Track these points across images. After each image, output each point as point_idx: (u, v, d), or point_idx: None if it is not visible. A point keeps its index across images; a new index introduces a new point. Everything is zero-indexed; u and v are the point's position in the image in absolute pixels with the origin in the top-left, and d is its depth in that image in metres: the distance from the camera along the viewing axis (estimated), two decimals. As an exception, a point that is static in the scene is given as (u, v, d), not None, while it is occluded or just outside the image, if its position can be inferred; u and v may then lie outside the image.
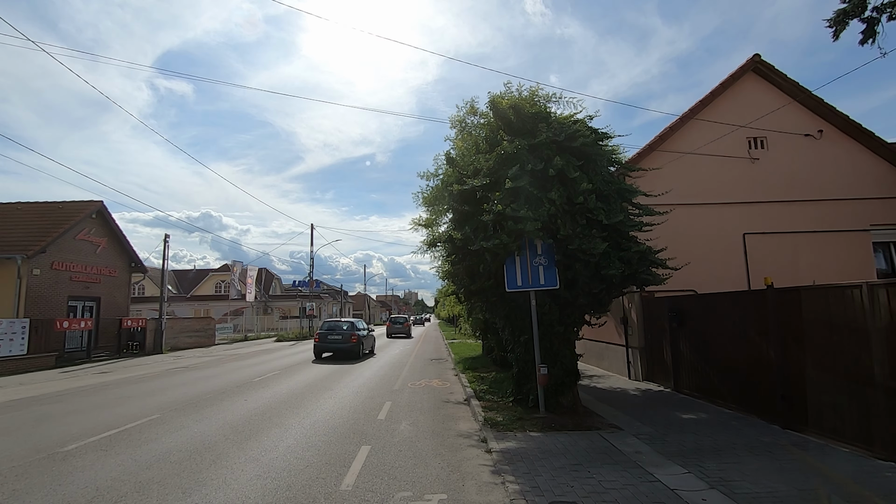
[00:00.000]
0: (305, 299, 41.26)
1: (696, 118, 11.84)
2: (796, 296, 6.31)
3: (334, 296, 63.66)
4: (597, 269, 6.97)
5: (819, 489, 4.36)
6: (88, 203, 21.28)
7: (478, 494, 4.51)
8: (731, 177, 11.65)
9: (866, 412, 5.30)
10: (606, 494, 4.32)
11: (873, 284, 5.27)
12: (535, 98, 7.99)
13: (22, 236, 18.40)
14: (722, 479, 4.63)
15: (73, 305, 20.05)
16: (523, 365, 8.00)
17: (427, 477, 5.00)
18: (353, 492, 4.58)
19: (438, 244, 9.37)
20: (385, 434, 6.81)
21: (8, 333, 15.42)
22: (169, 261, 25.29)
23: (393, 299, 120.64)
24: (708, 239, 11.13)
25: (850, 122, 11.82)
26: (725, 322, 7.90)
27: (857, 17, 7.67)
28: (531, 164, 6.84)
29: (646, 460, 5.27)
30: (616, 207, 7.24)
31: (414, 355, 20.00)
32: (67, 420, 7.78)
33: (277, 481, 4.87)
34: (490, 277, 7.75)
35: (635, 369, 11.05)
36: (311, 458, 5.67)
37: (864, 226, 11.54)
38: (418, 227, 13.13)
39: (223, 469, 5.26)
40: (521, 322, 7.90)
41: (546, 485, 4.57)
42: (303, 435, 6.74)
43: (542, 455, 5.50)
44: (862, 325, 5.29)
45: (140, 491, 4.62)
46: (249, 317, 43.88)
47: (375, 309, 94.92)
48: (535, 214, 6.56)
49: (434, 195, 11.68)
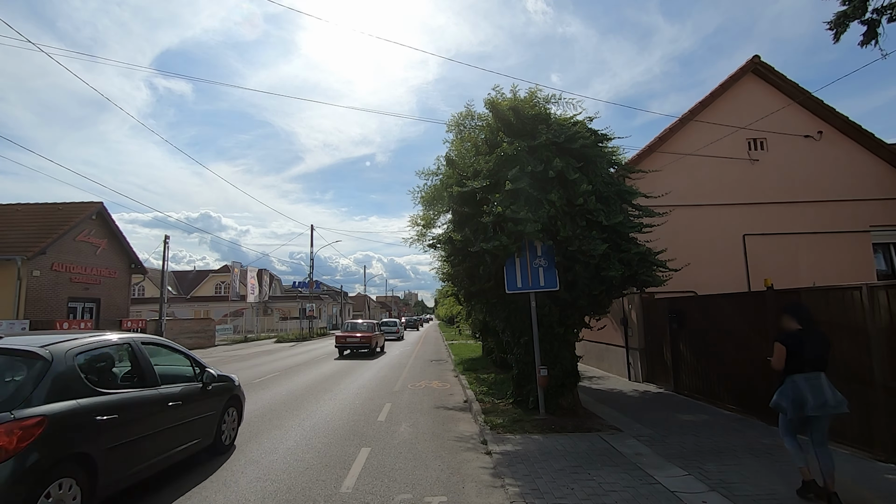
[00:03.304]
0: (305, 300, 41.23)
1: (696, 119, 11.85)
2: (796, 297, 6.31)
3: (334, 297, 63.64)
4: (597, 271, 6.97)
5: (819, 491, 4.35)
6: (88, 204, 21.28)
7: (478, 497, 4.51)
8: (730, 178, 11.66)
9: (866, 414, 5.30)
10: (606, 497, 4.32)
11: (873, 286, 5.28)
12: (534, 99, 7.99)
13: (22, 237, 18.40)
14: (722, 481, 4.63)
15: (73, 307, 20.05)
16: (523, 366, 8.00)
17: (427, 479, 4.99)
18: (353, 494, 4.58)
19: (438, 245, 9.37)
20: (385, 436, 6.80)
21: (8, 335, 15.39)
22: (169, 262, 25.30)
23: (393, 300, 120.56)
24: (708, 240, 11.13)
25: (850, 123, 11.83)
26: (725, 323, 7.90)
27: (858, 20, 7.66)
28: (531, 166, 6.84)
29: (646, 462, 5.26)
30: (616, 209, 7.24)
31: (414, 356, 20.00)
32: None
33: (277, 483, 4.86)
34: (490, 279, 7.75)
35: (635, 371, 11.04)
36: (311, 459, 5.66)
37: (863, 227, 11.55)
38: (417, 226, 13.16)
39: (222, 470, 5.26)
40: (521, 323, 7.89)
41: (546, 487, 4.57)
42: (303, 436, 6.74)
43: (543, 457, 5.49)
44: (862, 326, 5.30)
45: (143, 490, 4.62)
46: (249, 318, 43.91)
47: (375, 310, 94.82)
48: (535, 216, 6.57)
49: (432, 194, 11.65)
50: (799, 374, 4.21)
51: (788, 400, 4.24)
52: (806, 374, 4.19)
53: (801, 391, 4.16)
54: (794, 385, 4.22)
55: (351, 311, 76.75)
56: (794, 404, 4.19)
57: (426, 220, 12.81)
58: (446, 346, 25.57)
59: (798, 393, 4.17)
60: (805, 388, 4.15)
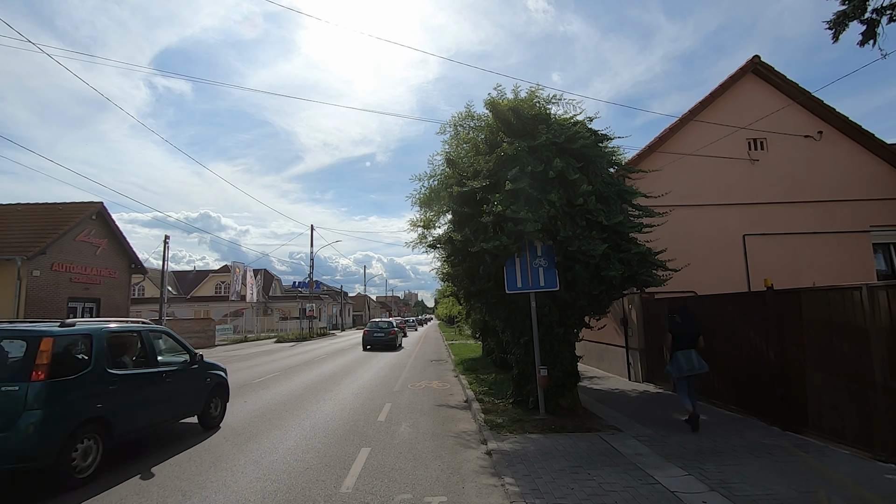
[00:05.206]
0: (305, 300, 41.23)
1: (696, 119, 11.85)
2: (796, 297, 6.30)
3: (334, 297, 63.64)
4: (597, 271, 6.97)
5: (819, 491, 4.35)
6: (88, 204, 21.27)
7: (478, 497, 4.51)
8: (730, 178, 11.66)
9: (867, 414, 5.29)
10: (606, 497, 4.32)
11: (873, 286, 5.27)
12: (534, 99, 7.98)
13: (21, 237, 18.39)
14: (722, 482, 4.62)
15: (73, 307, 20.03)
16: (523, 366, 8.00)
17: (427, 479, 4.99)
18: (352, 494, 4.58)
19: (438, 245, 9.36)
20: (385, 436, 6.80)
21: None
22: (168, 262, 25.30)
23: (393, 300, 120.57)
24: (708, 240, 11.13)
25: (850, 123, 11.83)
26: (725, 323, 7.90)
27: (857, 19, 7.66)
28: (531, 166, 6.84)
29: (646, 462, 5.26)
30: (616, 209, 7.24)
31: (414, 356, 20.00)
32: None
33: (277, 483, 4.86)
34: (490, 279, 7.75)
35: (635, 371, 11.04)
36: (311, 460, 5.67)
37: (863, 227, 11.54)
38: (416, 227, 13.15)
39: (223, 471, 5.26)
40: (521, 323, 7.89)
41: (546, 487, 4.56)
42: (303, 437, 6.74)
43: (542, 457, 5.49)
44: (862, 326, 5.29)
45: (140, 493, 4.63)
46: (249, 318, 43.91)
47: (375, 310, 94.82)
48: (535, 216, 6.56)
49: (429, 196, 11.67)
50: (679, 351, 6.74)
51: (675, 367, 6.74)
52: (682, 350, 6.71)
53: (680, 362, 6.68)
54: (677, 358, 6.74)
55: (351, 312, 76.79)
56: (678, 369, 6.69)
57: (425, 222, 12.81)
58: (446, 346, 25.56)
59: (679, 363, 6.69)
60: (682, 359, 6.68)
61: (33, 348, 4.73)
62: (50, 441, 4.51)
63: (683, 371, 6.62)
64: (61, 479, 4.65)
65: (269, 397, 9.95)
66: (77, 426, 4.80)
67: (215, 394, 7.41)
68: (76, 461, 4.79)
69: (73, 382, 4.88)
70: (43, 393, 4.55)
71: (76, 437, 4.79)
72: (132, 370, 5.84)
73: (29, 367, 4.62)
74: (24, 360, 4.72)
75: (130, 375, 5.74)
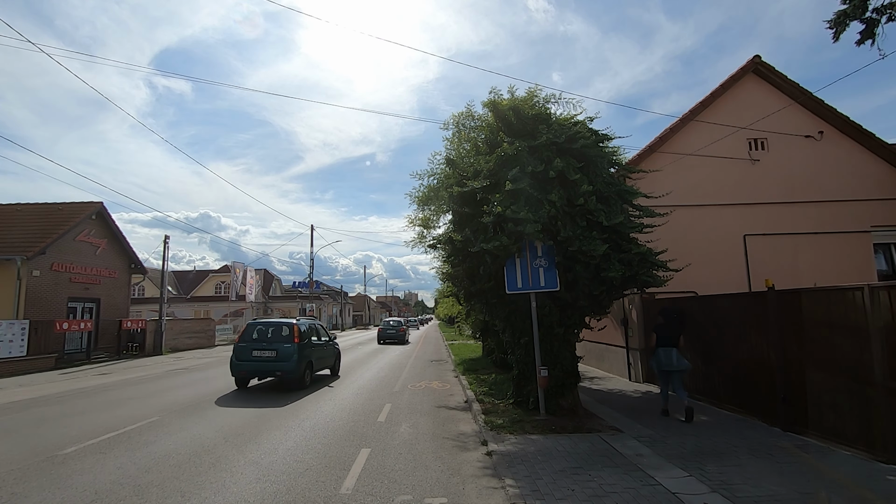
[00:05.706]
0: (305, 300, 41.24)
1: (697, 119, 11.84)
2: (797, 298, 6.29)
3: (334, 297, 63.63)
4: (597, 271, 6.96)
5: (820, 492, 4.34)
6: (88, 204, 21.27)
7: (478, 498, 4.50)
8: (731, 178, 11.65)
9: (867, 414, 5.29)
10: (607, 498, 4.30)
11: (874, 287, 5.26)
12: (534, 99, 7.97)
13: (21, 237, 18.39)
14: (723, 482, 4.61)
15: (73, 307, 20.03)
16: (523, 367, 7.99)
17: (427, 480, 4.98)
18: (352, 495, 4.56)
19: (438, 246, 9.35)
20: (385, 436, 6.79)
21: (7, 335, 15.40)
22: (168, 262, 25.28)
23: (393, 300, 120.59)
24: (708, 240, 11.12)
25: (851, 123, 11.81)
26: (726, 324, 7.89)
27: (858, 19, 7.65)
28: (531, 166, 6.82)
29: (647, 463, 5.25)
30: (616, 209, 7.22)
31: (414, 357, 19.98)
32: (67, 422, 7.76)
33: (277, 485, 4.85)
34: (490, 279, 7.73)
35: (636, 371, 11.03)
36: (311, 461, 5.65)
37: (864, 227, 11.53)
38: (413, 224, 13.19)
39: (222, 472, 5.25)
40: (522, 324, 7.88)
41: (546, 488, 4.55)
42: (302, 437, 6.73)
43: (543, 458, 5.48)
44: (863, 327, 5.28)
45: (139, 494, 4.61)
46: (249, 318, 43.85)
47: (375, 310, 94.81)
48: (536, 216, 6.55)
49: (427, 194, 11.69)
50: (660, 348, 7.45)
51: (655, 361, 7.52)
52: (663, 347, 7.41)
53: (661, 357, 7.42)
54: (657, 354, 7.47)
55: (351, 312, 76.78)
56: (657, 363, 7.48)
57: (424, 220, 12.81)
58: (446, 346, 25.55)
59: (659, 358, 7.44)
60: (662, 356, 7.41)
61: (292, 328, 11.00)
62: (300, 367, 10.59)
63: (662, 365, 7.40)
64: (301, 384, 10.74)
65: (269, 397, 9.93)
66: (307, 363, 11.02)
67: (337, 357, 13.82)
68: (307, 377, 11.03)
69: (304, 345, 11.03)
70: (297, 347, 10.65)
71: (306, 366, 10.97)
72: (316, 342, 12.04)
73: (292, 336, 10.82)
74: (290, 334, 10.88)
75: (316, 343, 12.03)
